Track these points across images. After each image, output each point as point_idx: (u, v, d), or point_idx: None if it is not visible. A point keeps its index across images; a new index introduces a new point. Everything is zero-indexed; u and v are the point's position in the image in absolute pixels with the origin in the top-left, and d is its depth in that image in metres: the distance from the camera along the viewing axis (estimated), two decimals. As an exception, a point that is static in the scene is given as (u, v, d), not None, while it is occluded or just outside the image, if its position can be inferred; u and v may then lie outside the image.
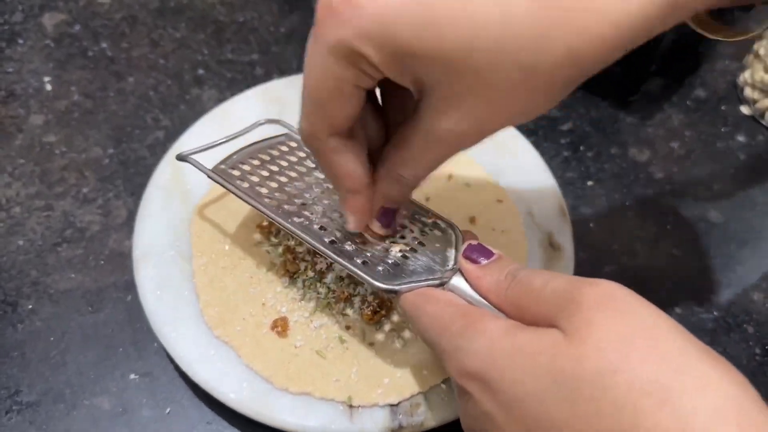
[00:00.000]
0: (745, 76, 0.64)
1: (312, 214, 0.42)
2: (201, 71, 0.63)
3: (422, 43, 0.28)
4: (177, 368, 0.46)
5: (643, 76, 0.62)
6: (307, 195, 0.43)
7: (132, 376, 0.46)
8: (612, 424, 0.25)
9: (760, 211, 0.57)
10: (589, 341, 0.27)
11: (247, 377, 0.42)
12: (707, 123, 0.63)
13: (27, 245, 0.52)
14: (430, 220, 0.42)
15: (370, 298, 0.45)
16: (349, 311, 0.45)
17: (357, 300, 0.45)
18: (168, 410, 0.45)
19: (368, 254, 0.39)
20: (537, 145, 0.56)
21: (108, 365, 0.46)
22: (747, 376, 0.47)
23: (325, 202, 0.43)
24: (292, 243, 0.47)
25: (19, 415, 0.44)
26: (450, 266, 0.38)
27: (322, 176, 0.44)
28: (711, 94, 0.65)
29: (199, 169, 0.44)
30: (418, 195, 0.51)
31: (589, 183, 0.58)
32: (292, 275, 0.46)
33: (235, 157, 0.45)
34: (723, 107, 0.64)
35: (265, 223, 0.48)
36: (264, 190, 0.43)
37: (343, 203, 0.37)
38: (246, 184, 0.43)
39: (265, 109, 0.55)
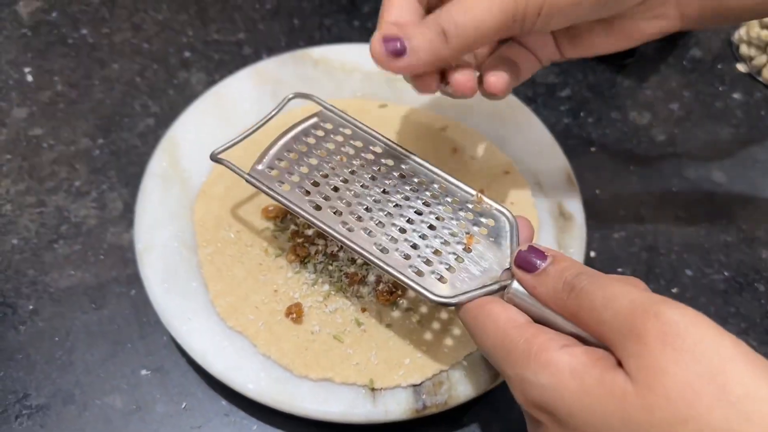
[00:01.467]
0: (740, 33, 0.64)
1: (357, 215, 0.39)
2: (187, 54, 0.61)
3: None
4: (189, 361, 0.45)
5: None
6: (350, 192, 0.40)
7: (143, 371, 0.45)
8: None
9: (762, 168, 0.57)
10: (656, 390, 0.26)
11: (264, 366, 0.42)
12: (704, 83, 0.63)
13: (22, 244, 0.50)
14: (480, 207, 0.39)
15: (384, 279, 0.44)
16: (363, 293, 0.44)
17: (371, 281, 0.44)
18: (184, 405, 0.44)
19: (420, 259, 0.37)
20: (537, 113, 0.55)
21: (117, 362, 0.45)
22: (761, 335, 0.47)
23: (370, 198, 0.40)
24: (299, 227, 0.46)
25: (29, 420, 0.43)
26: (507, 265, 0.36)
27: (363, 164, 0.42)
28: (706, 53, 0.65)
29: (236, 173, 0.42)
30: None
31: (592, 149, 0.57)
32: (302, 260, 0.45)
33: (271, 152, 0.42)
34: (719, 66, 0.64)
35: (270, 208, 0.47)
36: (306, 192, 0.40)
37: (378, 33, 0.37)
38: (287, 187, 0.40)
39: (259, 90, 0.54)
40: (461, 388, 0.41)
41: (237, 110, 0.52)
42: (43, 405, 0.44)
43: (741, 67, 0.64)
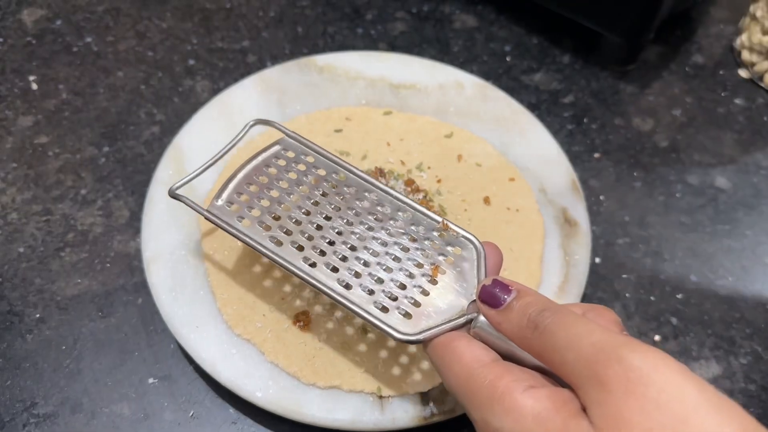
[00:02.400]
0: (742, 39, 0.64)
1: (320, 250, 0.39)
2: (192, 61, 0.61)
3: None
4: (197, 369, 0.45)
5: (642, 44, 0.61)
6: (311, 225, 0.40)
7: (150, 380, 0.45)
8: None
9: (765, 174, 0.57)
10: None
11: (272, 374, 0.42)
12: (707, 89, 0.63)
13: (28, 252, 0.50)
14: (447, 234, 0.38)
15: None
16: (370, 301, 0.44)
17: (378, 289, 0.44)
18: (191, 413, 0.44)
19: (384, 294, 0.37)
20: (541, 119, 0.55)
21: (124, 370, 0.45)
22: (766, 340, 0.48)
23: (332, 231, 0.39)
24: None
25: (37, 428, 0.43)
26: (473, 295, 0.35)
27: (326, 194, 0.41)
28: (708, 59, 0.65)
29: (194, 209, 0.41)
30: (430, 176, 0.50)
31: (596, 155, 0.57)
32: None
33: (230, 186, 0.42)
34: (721, 72, 0.64)
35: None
36: (266, 226, 0.40)
37: None
38: (248, 222, 0.40)
39: (263, 97, 0.54)
40: (469, 396, 0.41)
41: (242, 118, 0.52)
42: (51, 413, 0.44)
43: (743, 73, 0.64)
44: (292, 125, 0.46)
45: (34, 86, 0.59)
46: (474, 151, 0.52)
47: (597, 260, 0.51)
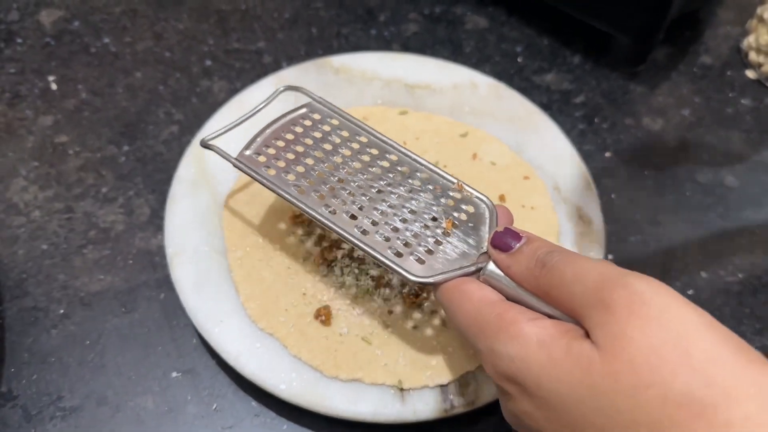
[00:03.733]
0: (749, 40, 0.65)
1: (341, 200, 0.40)
2: (209, 62, 0.62)
3: None
4: (219, 363, 0.46)
5: (651, 45, 0.62)
6: (334, 178, 0.41)
7: (174, 374, 0.46)
8: None
9: (773, 173, 0.58)
10: (621, 357, 0.27)
11: (296, 367, 0.43)
12: (714, 89, 0.64)
13: (51, 249, 0.51)
14: (461, 195, 0.40)
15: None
16: (390, 296, 0.45)
17: (397, 284, 0.45)
18: (214, 406, 0.45)
19: (400, 242, 0.38)
20: (552, 119, 0.56)
21: (148, 364, 0.46)
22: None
23: (353, 184, 0.41)
24: (326, 231, 0.47)
25: (63, 421, 0.44)
26: (484, 248, 0.37)
27: (349, 153, 0.43)
28: (716, 60, 0.66)
29: (224, 157, 0.43)
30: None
31: (607, 154, 0.58)
32: (329, 263, 0.46)
33: (258, 140, 0.43)
34: (728, 72, 0.65)
35: (297, 213, 0.48)
36: (291, 176, 0.41)
37: None
38: (273, 171, 0.42)
39: (281, 98, 0.54)
40: (488, 388, 0.42)
41: (260, 118, 0.53)
42: (77, 407, 0.45)
43: (750, 74, 0.65)
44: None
45: (54, 86, 0.60)
46: (489, 150, 0.53)
47: (609, 257, 0.52)
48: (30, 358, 0.46)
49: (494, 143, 0.53)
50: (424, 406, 0.42)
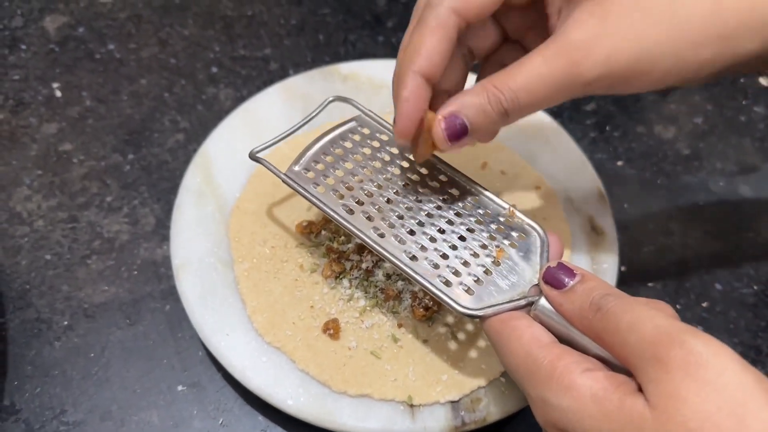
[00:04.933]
0: (763, 47, 0.64)
1: (389, 222, 0.39)
2: (214, 69, 0.62)
3: None
4: (225, 377, 0.45)
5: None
6: (383, 198, 0.40)
7: (179, 387, 0.45)
8: None
9: (787, 182, 0.57)
10: (675, 419, 0.26)
11: (303, 382, 0.42)
12: (727, 96, 0.63)
13: (55, 259, 0.50)
14: (512, 222, 0.39)
15: (420, 295, 0.44)
16: (399, 309, 0.44)
17: (407, 297, 0.44)
18: (221, 421, 0.44)
19: (448, 270, 0.37)
20: (563, 127, 0.55)
21: (153, 378, 0.45)
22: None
23: (402, 206, 0.40)
24: (334, 243, 0.46)
25: (67, 436, 0.43)
26: (535, 280, 0.36)
27: (398, 171, 0.42)
28: (728, 66, 0.65)
29: (273, 172, 0.42)
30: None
31: (619, 163, 0.58)
32: (337, 275, 0.45)
33: (308, 155, 0.42)
34: (741, 80, 0.64)
35: (305, 224, 0.47)
36: (339, 195, 0.40)
37: (401, 87, 0.35)
38: (322, 189, 0.41)
39: (288, 106, 0.54)
40: (499, 405, 0.41)
41: (268, 126, 0.52)
42: (81, 421, 0.44)
43: (763, 81, 0.64)
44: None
45: (58, 93, 0.59)
46: (499, 159, 0.52)
47: (623, 268, 0.51)
48: (33, 371, 0.45)
49: (504, 152, 0.52)
50: (435, 423, 0.41)
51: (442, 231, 0.39)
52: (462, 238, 0.39)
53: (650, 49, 0.31)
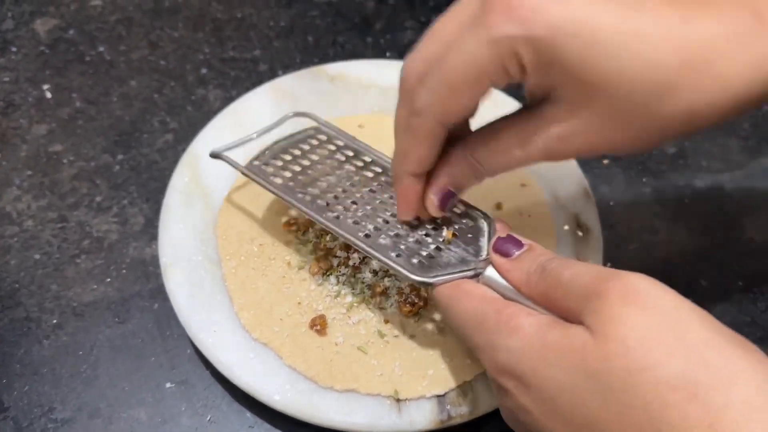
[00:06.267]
0: (747, 47, 0.65)
1: (345, 208, 0.42)
2: (204, 71, 0.62)
3: (581, 62, 0.30)
4: (213, 374, 0.45)
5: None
6: (339, 189, 0.43)
7: (167, 384, 0.45)
8: (642, 417, 0.26)
9: (772, 179, 0.58)
10: (614, 338, 0.27)
11: (290, 378, 0.42)
12: (712, 96, 0.64)
13: (44, 259, 0.50)
14: (461, 210, 0.42)
15: (406, 291, 0.44)
16: (386, 305, 0.45)
17: (393, 293, 0.45)
18: (209, 417, 0.44)
19: (402, 247, 0.39)
20: (551, 127, 0.56)
21: (141, 376, 0.46)
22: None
23: (357, 195, 0.43)
24: (321, 240, 0.47)
25: (55, 433, 0.43)
26: (483, 256, 0.38)
27: (353, 168, 0.44)
28: (713, 66, 0.66)
29: (233, 166, 0.45)
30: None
31: (605, 162, 0.58)
32: (324, 272, 0.45)
33: (267, 152, 0.46)
34: (726, 79, 0.65)
35: (291, 222, 0.47)
36: (297, 186, 0.43)
37: (400, 187, 0.38)
38: (279, 180, 0.43)
39: (276, 106, 0.55)
40: (485, 399, 0.42)
41: (255, 126, 0.52)
42: (69, 419, 0.44)
43: (748, 81, 0.65)
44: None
45: (48, 95, 0.60)
46: (486, 158, 0.52)
47: (608, 265, 0.52)
48: (22, 369, 0.46)
49: (491, 151, 0.53)
50: (421, 417, 0.41)
51: (394, 215, 0.41)
52: (414, 223, 0.41)
53: (617, 145, 0.34)
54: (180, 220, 0.48)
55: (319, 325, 0.43)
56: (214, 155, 0.46)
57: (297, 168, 0.44)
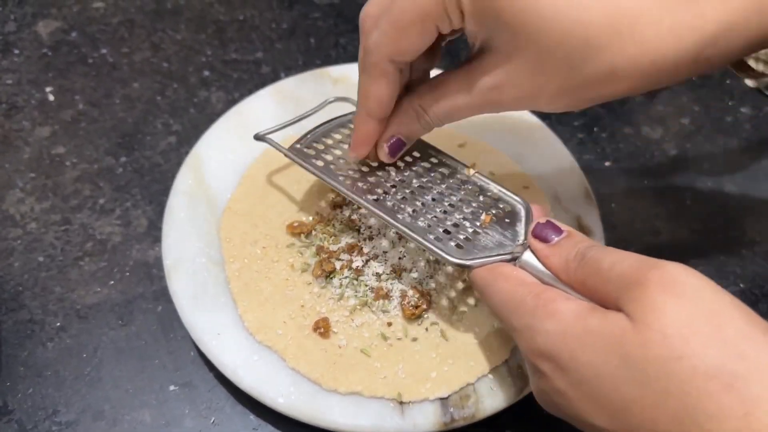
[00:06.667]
0: (748, 49, 0.65)
1: (384, 191, 0.43)
2: (206, 73, 0.62)
3: (513, 12, 0.32)
4: (217, 376, 0.45)
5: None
6: (379, 173, 0.44)
7: (171, 387, 0.45)
8: (678, 405, 0.26)
9: (773, 181, 0.58)
10: (653, 327, 0.27)
11: (294, 380, 0.42)
12: (714, 98, 0.64)
13: (48, 261, 0.50)
14: (498, 195, 0.42)
15: (409, 293, 0.44)
16: (389, 307, 0.45)
17: (396, 296, 0.45)
18: (212, 419, 0.44)
19: (440, 230, 0.40)
20: (551, 128, 0.56)
21: (145, 378, 0.46)
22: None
23: (397, 179, 0.44)
24: (325, 243, 0.47)
25: (59, 436, 0.44)
26: (521, 241, 0.39)
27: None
28: (715, 68, 0.66)
29: (278, 149, 0.46)
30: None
31: (607, 163, 0.58)
32: (328, 275, 0.46)
33: (309, 136, 0.47)
34: (727, 81, 0.65)
35: (295, 224, 0.47)
36: (337, 169, 0.44)
37: (357, 125, 0.41)
38: (321, 163, 0.44)
39: (280, 108, 0.55)
40: (488, 401, 0.42)
41: (258, 128, 0.52)
42: (73, 421, 0.44)
43: (749, 82, 0.65)
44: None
45: (51, 97, 0.60)
46: (488, 160, 0.52)
47: (610, 267, 0.52)
48: (25, 371, 0.46)
49: (493, 153, 0.53)
50: (424, 420, 0.41)
51: (433, 200, 0.42)
52: (452, 206, 0.42)
53: (543, 98, 0.36)
54: (183, 223, 0.48)
55: (322, 327, 0.43)
56: (259, 138, 0.48)
57: (338, 152, 0.45)
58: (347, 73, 0.57)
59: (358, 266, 0.45)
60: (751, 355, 0.26)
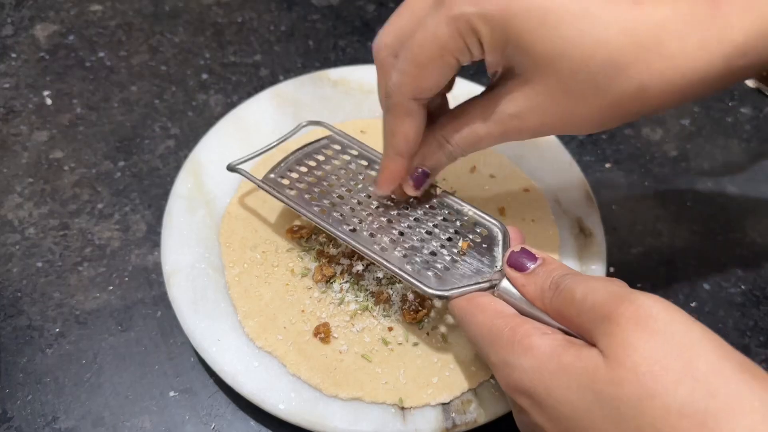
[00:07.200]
0: (748, 49, 0.65)
1: (360, 220, 0.43)
2: (205, 76, 0.62)
3: (532, 38, 0.32)
4: (217, 382, 0.45)
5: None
6: (354, 200, 0.44)
7: (171, 393, 0.45)
8: None
9: (774, 182, 0.58)
10: (625, 365, 0.27)
11: (295, 386, 0.42)
12: (714, 98, 0.64)
13: (46, 267, 0.50)
14: (475, 218, 0.42)
15: (410, 298, 0.44)
16: (390, 312, 0.44)
17: (397, 301, 0.45)
18: (213, 426, 0.44)
19: (418, 259, 0.40)
20: (552, 130, 0.55)
21: (145, 384, 0.45)
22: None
23: (372, 206, 0.44)
24: (325, 248, 0.46)
25: (59, 443, 0.43)
26: (498, 267, 0.39)
27: (368, 179, 0.45)
28: (714, 68, 0.66)
29: (251, 180, 0.45)
30: (443, 187, 0.50)
31: (607, 165, 0.58)
32: (328, 280, 0.45)
33: (283, 165, 0.46)
34: (728, 81, 0.65)
35: (295, 229, 0.47)
36: (312, 198, 0.44)
37: (385, 164, 0.40)
38: (294, 192, 0.44)
39: (279, 112, 0.54)
40: (490, 407, 0.42)
41: (258, 131, 0.53)
42: (73, 428, 0.44)
43: (750, 83, 0.65)
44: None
45: (48, 101, 0.60)
46: (488, 163, 0.52)
47: (611, 269, 0.52)
48: (25, 378, 0.45)
49: (493, 155, 0.53)
50: (426, 425, 0.41)
51: (410, 227, 0.42)
52: (429, 233, 0.42)
53: (573, 123, 0.36)
54: (183, 228, 0.48)
55: (323, 333, 0.43)
56: (231, 169, 0.47)
57: (312, 179, 0.45)
58: (346, 76, 0.57)
59: (358, 270, 0.45)
60: (721, 392, 0.26)
